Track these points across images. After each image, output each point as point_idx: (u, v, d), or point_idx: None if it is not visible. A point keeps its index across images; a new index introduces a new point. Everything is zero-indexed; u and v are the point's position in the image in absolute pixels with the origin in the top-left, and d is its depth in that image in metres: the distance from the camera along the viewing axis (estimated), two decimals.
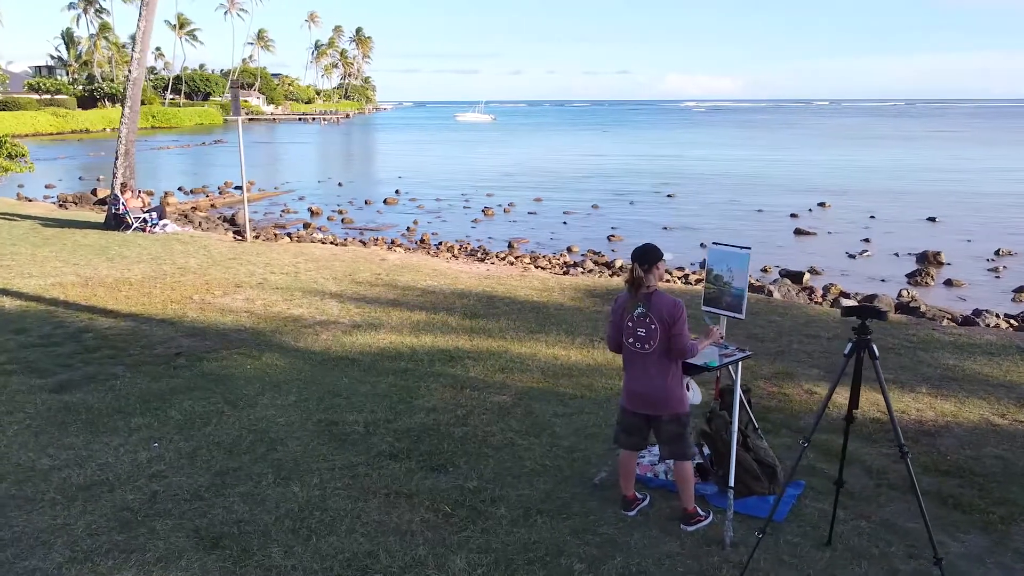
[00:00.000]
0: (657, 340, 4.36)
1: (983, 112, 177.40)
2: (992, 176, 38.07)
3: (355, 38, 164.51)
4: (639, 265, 4.38)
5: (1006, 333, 9.09)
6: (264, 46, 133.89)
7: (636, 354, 4.46)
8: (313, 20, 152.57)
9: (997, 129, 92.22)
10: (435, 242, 20.94)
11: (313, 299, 10.02)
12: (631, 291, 4.44)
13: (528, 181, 37.16)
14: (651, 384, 4.42)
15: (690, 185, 35.11)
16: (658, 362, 4.40)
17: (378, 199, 30.06)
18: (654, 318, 4.34)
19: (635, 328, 4.43)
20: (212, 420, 6.16)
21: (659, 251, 4.42)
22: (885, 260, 19.23)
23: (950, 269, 18.00)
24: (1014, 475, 5.27)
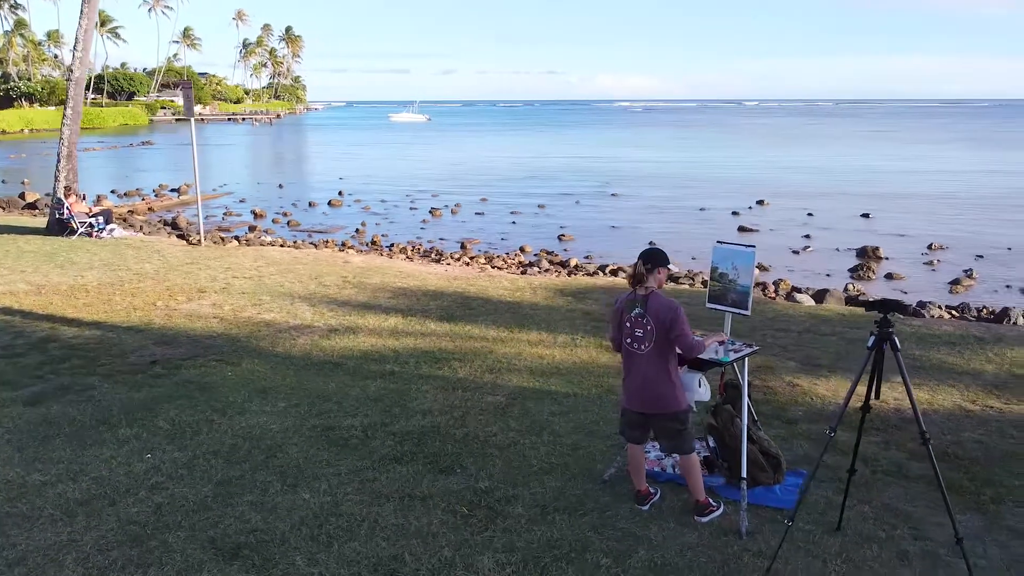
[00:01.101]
0: (653, 341, 4.46)
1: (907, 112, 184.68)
2: (917, 173, 39.74)
3: (285, 37, 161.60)
4: (643, 263, 4.48)
5: (961, 324, 9.56)
6: (190, 44, 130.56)
7: (634, 354, 4.56)
8: (241, 18, 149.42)
9: (920, 129, 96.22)
10: (387, 244, 20.78)
11: (283, 303, 9.86)
12: (632, 288, 4.54)
13: (471, 181, 37.17)
14: (647, 384, 4.53)
15: (632, 184, 35.63)
16: (654, 362, 4.49)
17: (322, 201, 29.63)
18: (651, 319, 4.44)
19: (633, 328, 4.53)
20: (203, 429, 6.03)
21: (666, 256, 4.55)
22: (827, 256, 19.89)
23: (889, 263, 18.74)
24: (995, 458, 5.56)
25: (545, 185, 35.39)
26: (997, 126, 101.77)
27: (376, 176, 39.19)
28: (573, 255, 19.29)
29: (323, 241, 20.77)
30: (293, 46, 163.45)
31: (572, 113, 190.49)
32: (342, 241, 20.80)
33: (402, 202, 29.68)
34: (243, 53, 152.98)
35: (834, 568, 4.18)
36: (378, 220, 25.35)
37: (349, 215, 26.63)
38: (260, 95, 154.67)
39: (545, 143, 69.72)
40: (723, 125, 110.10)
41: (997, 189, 32.93)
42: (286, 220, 24.99)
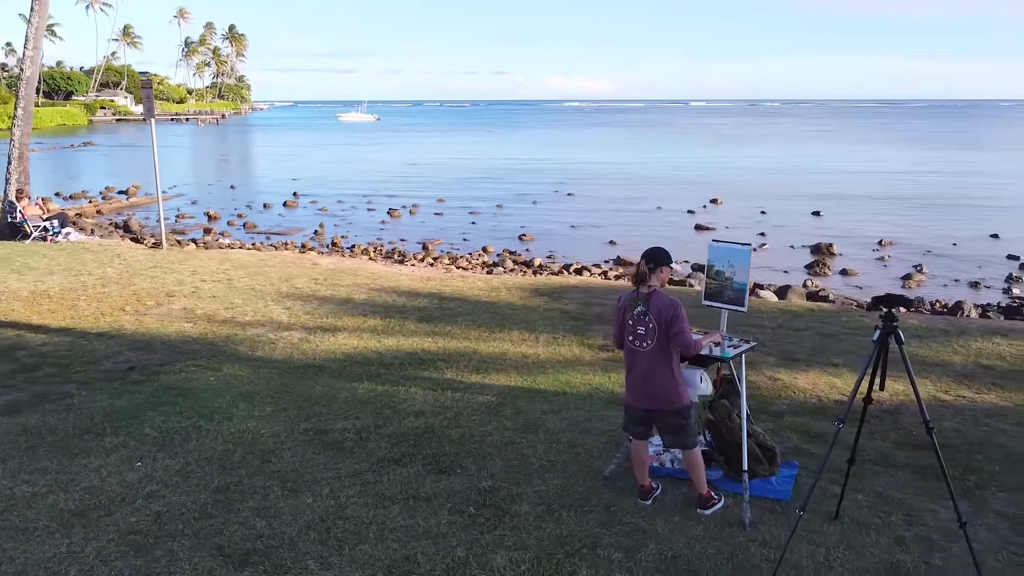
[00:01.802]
0: (655, 338, 4.55)
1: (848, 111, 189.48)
2: (863, 173, 40.88)
3: (228, 36, 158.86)
4: (646, 262, 4.57)
5: (926, 318, 9.89)
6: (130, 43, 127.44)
7: (636, 352, 4.65)
8: (183, 16, 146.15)
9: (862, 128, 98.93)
10: (347, 245, 20.62)
11: (256, 306, 9.72)
12: (635, 286, 4.63)
13: (426, 182, 37.06)
14: (650, 380, 4.62)
15: (587, 184, 35.92)
16: (657, 359, 4.59)
17: (277, 202, 29.23)
18: (652, 317, 4.53)
19: (635, 326, 4.62)
20: (192, 435, 5.93)
21: (668, 256, 4.64)
22: (783, 252, 20.36)
23: (843, 259, 19.27)
24: (973, 445, 5.79)
25: (501, 185, 35.48)
26: (932, 126, 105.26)
27: (330, 177, 38.81)
28: (536, 255, 19.40)
29: (283, 243, 20.53)
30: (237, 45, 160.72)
31: (522, 113, 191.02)
32: (302, 243, 20.58)
33: (359, 203, 29.46)
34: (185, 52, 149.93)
35: (837, 555, 4.32)
36: (336, 221, 25.12)
37: (306, 216, 26.35)
38: (203, 95, 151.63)
39: (497, 143, 69.85)
40: (672, 125, 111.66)
41: (936, 187, 34.08)
42: (242, 222, 24.61)
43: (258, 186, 35.28)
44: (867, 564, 4.24)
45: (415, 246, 20.82)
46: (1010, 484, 5.21)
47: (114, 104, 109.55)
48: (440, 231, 23.38)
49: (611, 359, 7.75)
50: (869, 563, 4.25)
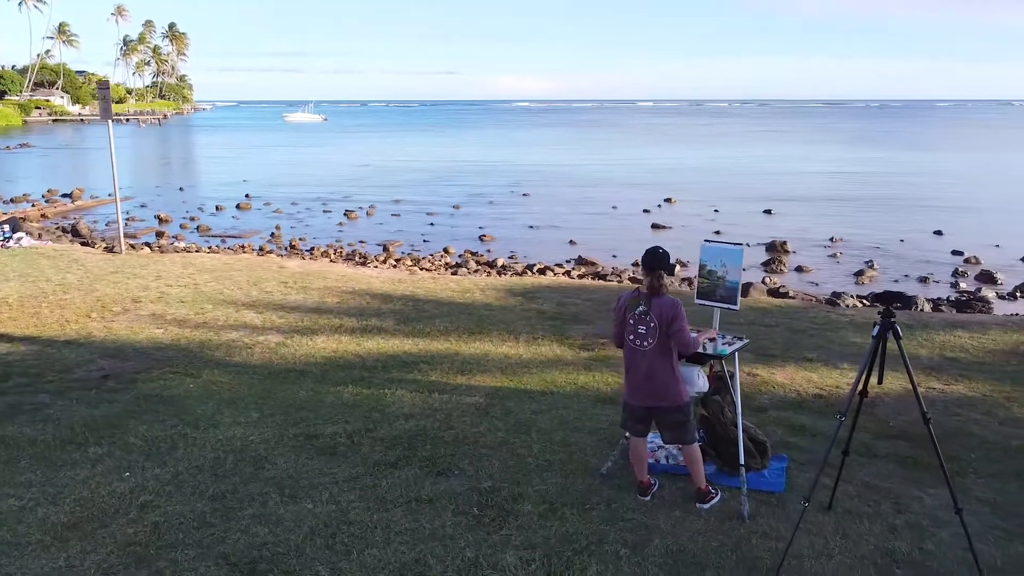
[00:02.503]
0: (656, 337, 4.64)
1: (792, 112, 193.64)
2: (809, 173, 41.89)
3: (168, 34, 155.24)
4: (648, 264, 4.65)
5: (908, 313, 10.21)
6: (66, 41, 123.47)
7: (636, 350, 4.73)
8: (121, 14, 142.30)
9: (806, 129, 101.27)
10: (306, 247, 20.37)
11: (227, 311, 9.57)
12: (635, 291, 4.72)
13: (380, 182, 36.81)
14: (652, 378, 4.71)
15: (542, 184, 36.10)
16: (658, 357, 4.68)
17: (230, 204, 28.71)
18: (654, 316, 4.63)
19: (636, 326, 4.71)
20: (179, 444, 5.83)
21: (669, 257, 4.74)
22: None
23: (797, 256, 19.74)
24: (948, 434, 6.02)
25: (456, 186, 35.43)
26: (872, 126, 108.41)
27: (281, 179, 38.24)
28: (498, 255, 19.44)
29: (239, 246, 20.18)
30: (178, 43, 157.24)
31: (472, 113, 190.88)
32: (259, 246, 20.27)
33: (314, 205, 29.11)
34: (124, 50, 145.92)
35: (835, 544, 4.46)
36: (292, 223, 24.79)
37: (261, 219, 25.93)
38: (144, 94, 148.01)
39: (449, 144, 69.67)
40: (621, 125, 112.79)
41: (879, 187, 35.11)
42: (195, 225, 24.10)
43: (208, 188, 34.55)
44: (864, 551, 4.40)
45: (375, 248, 20.67)
46: (987, 471, 5.44)
47: (50, 104, 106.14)
48: (399, 232, 23.26)
49: (592, 358, 7.85)
50: (866, 550, 4.41)
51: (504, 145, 67.07)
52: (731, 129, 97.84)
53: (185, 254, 14.34)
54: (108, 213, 26.07)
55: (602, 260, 18.86)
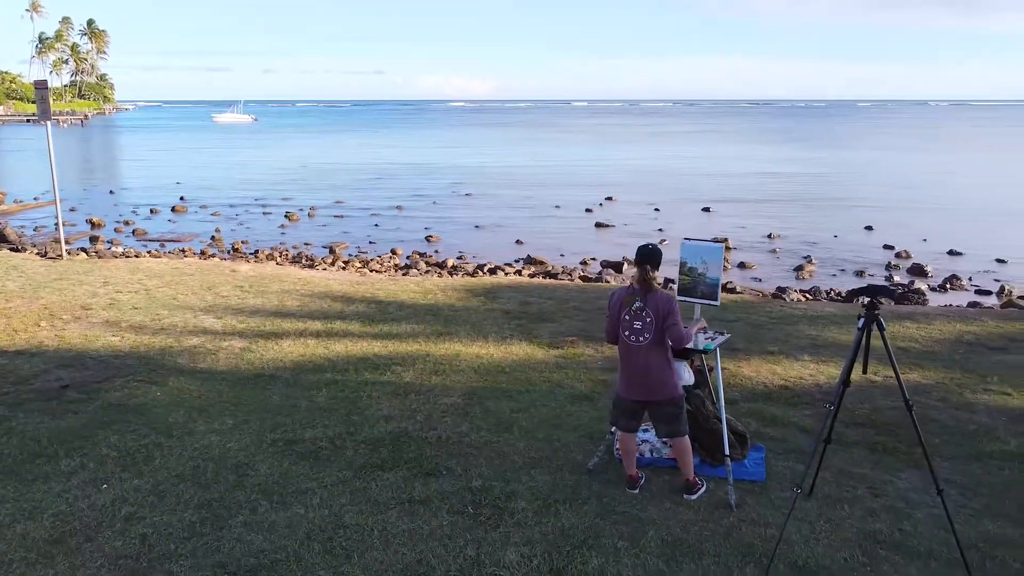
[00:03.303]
0: (653, 332, 4.77)
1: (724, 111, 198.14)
2: (742, 167, 43.02)
3: (87, 31, 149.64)
4: (642, 263, 4.78)
5: (841, 305, 10.63)
6: None
7: (632, 346, 4.84)
8: (36, 10, 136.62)
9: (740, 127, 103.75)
10: (249, 250, 19.96)
11: (185, 317, 9.34)
12: (639, 288, 4.83)
13: (319, 183, 36.31)
14: (649, 373, 4.83)
15: (482, 184, 36.16)
16: (655, 352, 4.81)
17: (164, 207, 27.93)
18: (650, 311, 4.75)
19: (632, 321, 4.82)
20: (155, 453, 5.69)
21: (661, 254, 4.86)
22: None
23: (738, 253, 20.24)
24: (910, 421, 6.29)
25: (396, 186, 35.19)
26: (799, 125, 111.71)
27: (215, 180, 37.35)
28: (446, 256, 19.42)
29: (179, 250, 19.66)
30: (97, 41, 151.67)
31: (404, 113, 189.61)
32: (200, 249, 19.78)
33: (253, 207, 28.55)
34: (39, 48, 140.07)
35: (820, 528, 4.65)
36: (233, 226, 24.25)
37: (199, 222, 25.30)
38: (62, 94, 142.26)
39: (385, 144, 69.06)
40: (558, 125, 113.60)
41: (810, 184, 36.26)
42: (130, 229, 23.35)
43: (139, 191, 33.47)
44: (848, 534, 4.59)
45: (321, 250, 20.40)
46: (950, 454, 5.72)
47: None
48: (344, 234, 23.00)
49: (563, 357, 7.94)
50: (849, 533, 4.60)
51: (441, 145, 66.84)
52: (665, 129, 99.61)
53: (130, 259, 13.91)
54: (36, 217, 25.09)
55: (551, 259, 19.01)
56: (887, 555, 4.38)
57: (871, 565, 4.28)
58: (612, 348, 7.81)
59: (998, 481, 5.31)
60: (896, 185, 34.95)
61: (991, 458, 5.65)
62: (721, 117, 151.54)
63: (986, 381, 7.27)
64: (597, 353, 8.05)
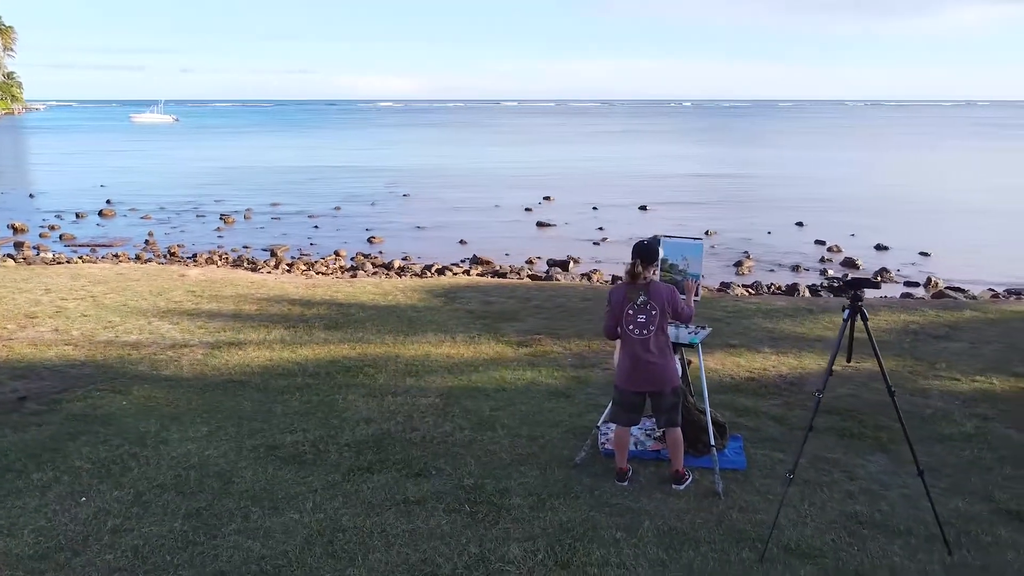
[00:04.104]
0: (656, 324, 4.92)
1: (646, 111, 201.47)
2: (675, 165, 43.94)
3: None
4: (640, 259, 4.92)
5: (793, 299, 11.00)
6: None
7: (635, 339, 4.97)
8: None
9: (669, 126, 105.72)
10: (186, 254, 19.44)
11: (139, 323, 9.07)
12: (630, 283, 4.96)
13: (251, 185, 35.60)
14: (654, 364, 4.97)
15: (419, 184, 36.04)
16: (659, 344, 4.97)
17: (91, 211, 26.95)
18: (655, 304, 4.90)
19: (636, 315, 4.95)
20: (131, 464, 5.54)
21: (658, 251, 5.02)
22: (624, 246, 21.50)
23: None
24: (873, 406, 6.61)
25: (331, 187, 34.76)
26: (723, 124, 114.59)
27: (142, 183, 36.17)
28: (391, 256, 19.32)
29: (112, 255, 19.02)
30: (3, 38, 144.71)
31: (331, 113, 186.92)
32: (135, 255, 19.16)
33: (185, 210, 27.80)
34: None
35: (806, 511, 4.85)
36: (166, 230, 23.58)
37: (129, 226, 24.50)
38: None
39: (315, 144, 68.03)
40: (490, 125, 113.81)
41: (740, 180, 37.34)
42: (57, 234, 22.48)
43: (62, 195, 32.12)
44: (832, 516, 4.81)
45: (262, 253, 20.03)
46: (914, 437, 5.95)
47: None
48: (284, 236, 22.62)
49: (533, 355, 8.03)
50: (833, 515, 4.82)
51: (374, 146, 66.16)
52: (594, 128, 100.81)
53: (69, 265, 13.38)
54: None
55: (496, 259, 19.09)
56: (870, 534, 4.61)
57: (857, 544, 4.49)
58: (581, 346, 7.99)
59: (960, 461, 5.62)
60: (821, 182, 36.25)
61: (951, 440, 5.97)
62: (647, 117, 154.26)
63: (935, 368, 7.67)
64: (565, 351, 8.17)
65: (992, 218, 25.72)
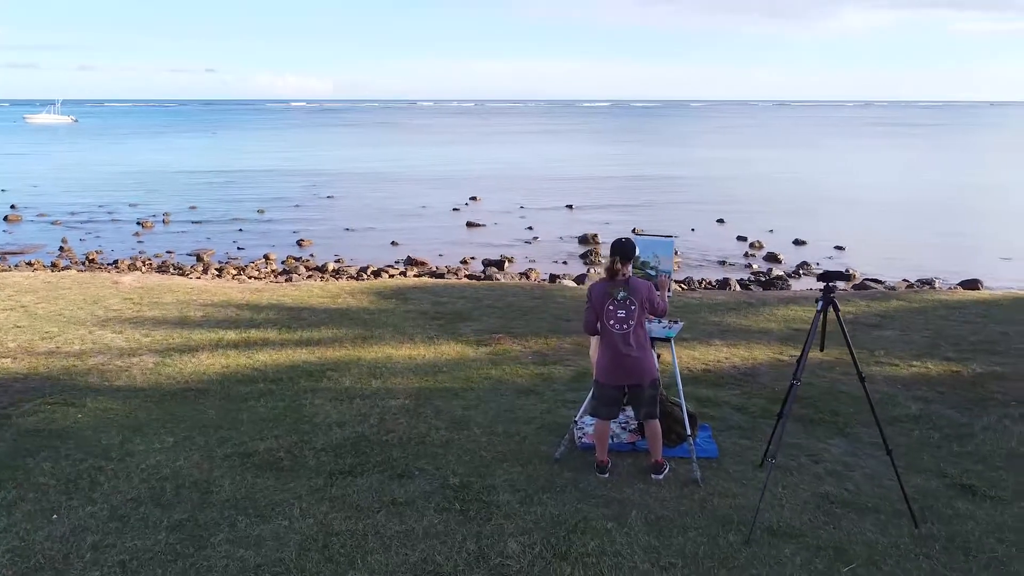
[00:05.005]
0: (636, 319, 5.08)
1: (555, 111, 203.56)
2: (596, 164, 44.66)
3: None
4: (620, 259, 5.07)
5: (732, 293, 11.40)
6: None
7: (617, 334, 5.12)
8: None
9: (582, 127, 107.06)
10: (106, 260, 18.68)
11: (79, 333, 8.70)
12: (610, 279, 5.11)
13: (166, 188, 34.44)
14: (634, 358, 5.12)
15: (343, 185, 35.60)
16: (639, 338, 5.13)
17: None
18: (635, 299, 5.06)
19: (616, 311, 5.09)
20: (99, 478, 5.36)
21: (635, 248, 5.18)
22: (554, 244, 21.84)
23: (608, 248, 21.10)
24: (825, 393, 6.97)
25: (251, 189, 33.95)
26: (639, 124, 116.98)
27: (47, 187, 34.51)
28: (323, 259, 19.04)
29: (25, 262, 18.10)
30: None
31: (242, 113, 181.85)
32: (51, 261, 18.29)
33: (98, 214, 26.68)
34: None
35: (781, 494, 5.10)
36: (81, 235, 22.58)
37: (40, 231, 23.37)
38: None
39: (228, 146, 66.13)
40: (407, 125, 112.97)
41: (658, 180, 38.27)
42: None
43: None
44: (805, 497, 5.07)
45: (187, 258, 19.43)
46: (867, 421, 6.35)
47: None
48: (208, 240, 22.00)
49: (494, 353, 8.10)
50: (806, 496, 5.08)
51: (290, 148, 64.64)
52: (513, 128, 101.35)
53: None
54: None
55: (431, 260, 19.06)
56: (843, 512, 4.88)
57: (833, 523, 4.75)
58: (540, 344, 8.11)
59: (911, 441, 6.00)
60: (736, 180, 37.51)
61: (900, 422, 6.36)
62: (565, 117, 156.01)
63: (875, 355, 8.12)
64: (525, 349, 8.28)
65: (894, 211, 27.24)
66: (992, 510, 4.92)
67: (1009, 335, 9.07)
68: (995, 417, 6.45)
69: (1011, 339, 8.93)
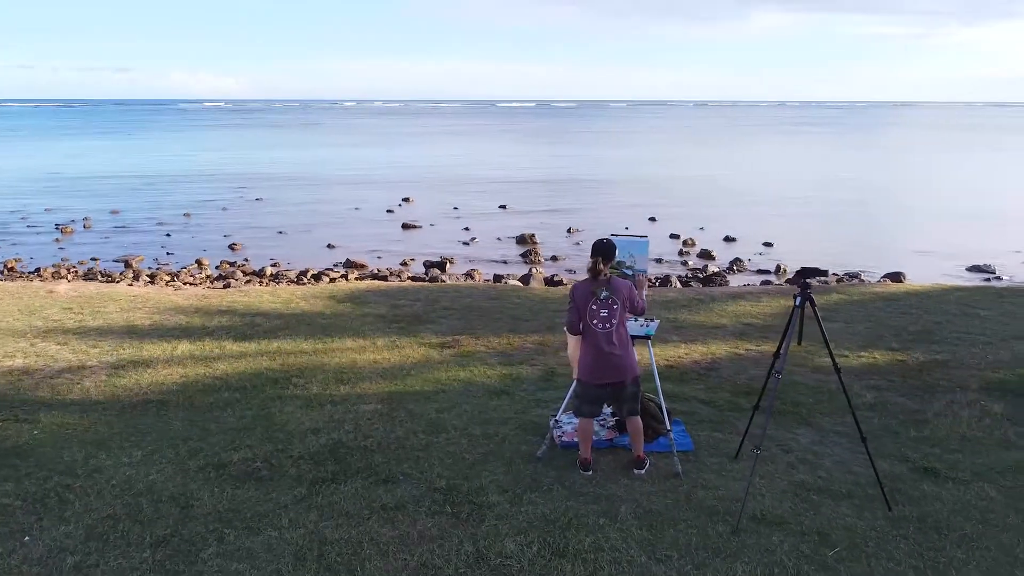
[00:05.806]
0: (618, 317, 5.19)
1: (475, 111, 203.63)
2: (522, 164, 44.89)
3: None
4: (602, 260, 5.17)
5: (679, 290, 11.66)
6: None
7: (599, 333, 5.21)
8: None
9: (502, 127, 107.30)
10: (26, 269, 17.80)
11: (20, 346, 8.30)
12: (593, 279, 5.20)
13: (83, 191, 32.98)
14: (616, 356, 5.22)
15: (270, 188, 34.77)
16: (622, 336, 5.23)
17: None
18: (616, 298, 5.16)
19: (599, 310, 5.18)
20: (68, 496, 5.15)
21: (615, 249, 5.28)
22: (493, 244, 21.88)
23: (547, 247, 21.28)
24: (785, 385, 7.20)
25: (175, 193, 32.83)
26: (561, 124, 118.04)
27: None
28: (258, 263, 18.60)
29: None
30: None
31: (158, 113, 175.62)
32: None
33: (10, 220, 25.39)
34: None
35: (759, 483, 5.27)
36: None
37: None
38: None
39: (145, 147, 63.67)
40: (330, 125, 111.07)
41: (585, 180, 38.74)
42: None
43: None
44: (782, 486, 5.26)
45: (114, 264, 18.69)
46: (827, 410, 6.65)
47: None
48: (135, 246, 21.19)
49: (459, 355, 8.10)
50: (783, 485, 5.28)
51: (210, 149, 62.76)
52: (437, 128, 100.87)
53: None
54: None
55: (370, 262, 18.86)
56: (820, 499, 5.09)
57: (812, 509, 4.95)
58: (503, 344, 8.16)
59: (872, 428, 6.28)
60: (662, 178, 38.26)
61: (858, 410, 6.55)
62: (487, 116, 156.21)
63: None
64: (489, 349, 8.31)
65: (813, 207, 28.31)
66: (955, 491, 5.22)
67: (942, 324, 9.59)
68: (944, 403, 6.81)
69: (944, 328, 9.44)
